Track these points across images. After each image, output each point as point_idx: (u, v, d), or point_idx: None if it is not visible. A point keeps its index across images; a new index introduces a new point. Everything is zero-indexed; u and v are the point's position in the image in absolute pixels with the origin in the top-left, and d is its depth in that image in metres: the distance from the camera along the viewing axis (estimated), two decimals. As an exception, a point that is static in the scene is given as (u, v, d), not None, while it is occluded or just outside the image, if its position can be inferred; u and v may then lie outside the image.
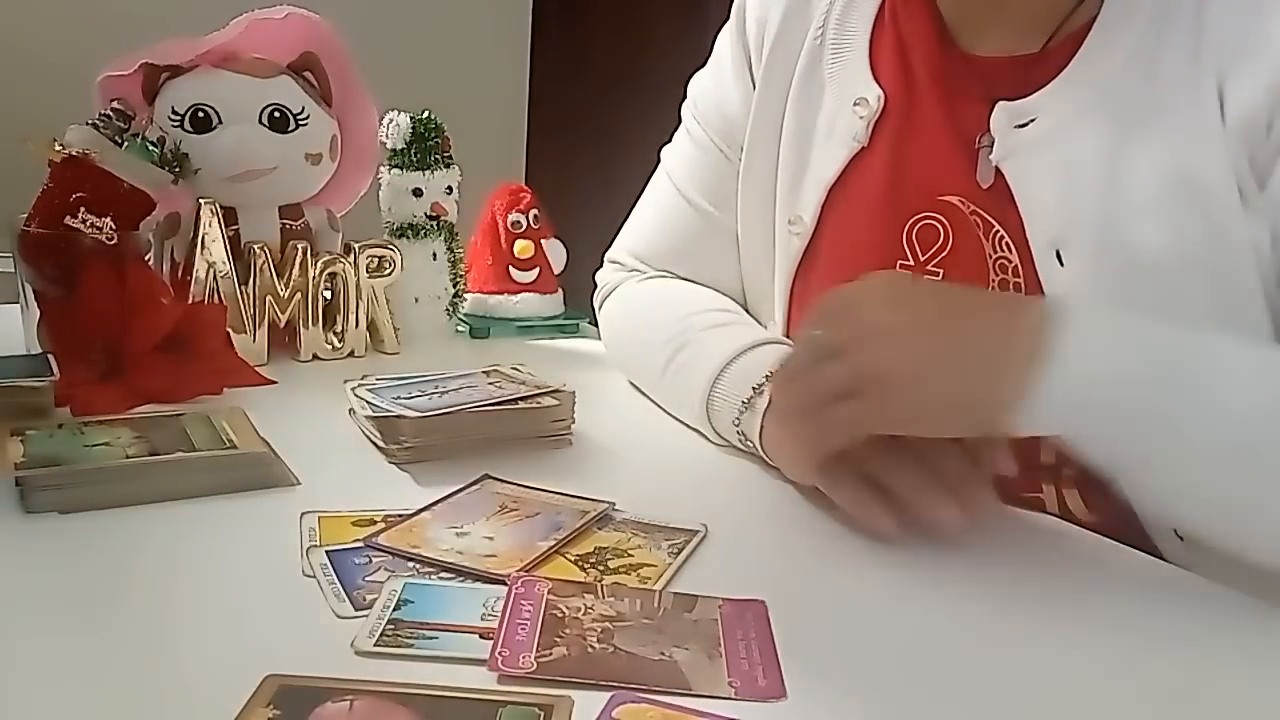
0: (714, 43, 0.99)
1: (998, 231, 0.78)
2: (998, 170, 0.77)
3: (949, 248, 0.80)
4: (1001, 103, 0.77)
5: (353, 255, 1.05)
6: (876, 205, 0.84)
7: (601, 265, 1.08)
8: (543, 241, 1.21)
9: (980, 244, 0.79)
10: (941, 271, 0.81)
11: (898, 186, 0.83)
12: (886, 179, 0.83)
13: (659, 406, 0.93)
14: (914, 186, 0.82)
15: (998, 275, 0.78)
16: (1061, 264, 0.74)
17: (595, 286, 1.07)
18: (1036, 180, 0.76)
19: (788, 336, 0.90)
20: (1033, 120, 0.76)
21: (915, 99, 0.83)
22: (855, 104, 0.84)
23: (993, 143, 0.78)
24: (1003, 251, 0.77)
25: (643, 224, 1.04)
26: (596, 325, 1.09)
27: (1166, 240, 0.71)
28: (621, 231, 1.06)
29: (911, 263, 0.82)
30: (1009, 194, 0.77)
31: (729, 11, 0.97)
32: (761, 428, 0.78)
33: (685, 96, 1.02)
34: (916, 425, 0.65)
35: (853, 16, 0.87)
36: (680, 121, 1.02)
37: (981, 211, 0.78)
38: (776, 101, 0.90)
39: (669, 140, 1.03)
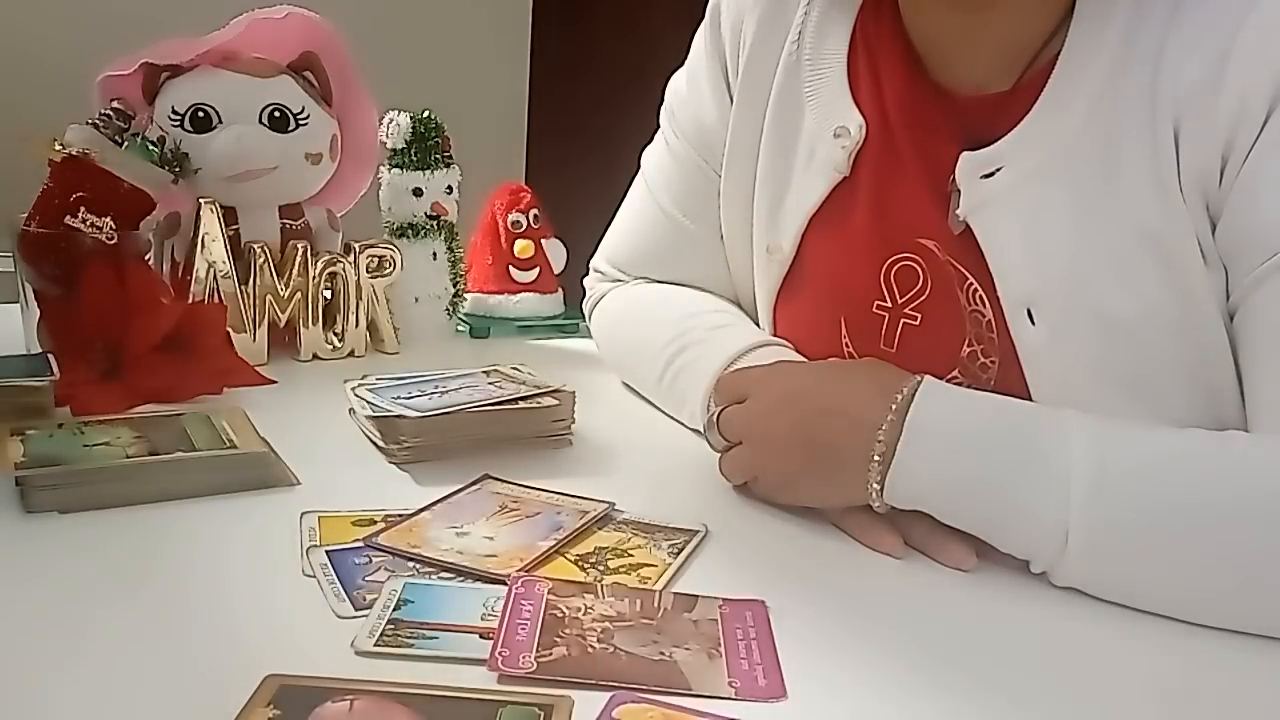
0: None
1: (971, 284, 0.76)
2: (967, 221, 0.76)
3: (928, 292, 0.79)
4: (966, 153, 0.75)
5: (353, 255, 1.05)
6: (856, 239, 0.82)
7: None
8: (543, 241, 1.21)
9: (956, 294, 0.77)
10: (920, 316, 0.79)
11: (878, 221, 0.80)
12: (867, 213, 0.81)
13: (657, 409, 0.93)
14: (893, 224, 0.80)
15: (973, 329, 0.77)
16: (1033, 323, 0.73)
17: (584, 293, 1.07)
18: (1004, 237, 0.74)
19: None
20: (998, 170, 0.74)
21: (891, 130, 0.80)
22: (836, 134, 0.81)
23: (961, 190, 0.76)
24: (976, 305, 0.76)
25: (621, 233, 1.03)
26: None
27: (1134, 301, 0.70)
28: (604, 238, 1.05)
29: (889, 304, 0.80)
30: (978, 247, 0.75)
31: None
32: None
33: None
34: (801, 503, 0.73)
35: (828, 31, 0.84)
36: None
37: (954, 261, 0.77)
38: (754, 118, 0.87)
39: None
